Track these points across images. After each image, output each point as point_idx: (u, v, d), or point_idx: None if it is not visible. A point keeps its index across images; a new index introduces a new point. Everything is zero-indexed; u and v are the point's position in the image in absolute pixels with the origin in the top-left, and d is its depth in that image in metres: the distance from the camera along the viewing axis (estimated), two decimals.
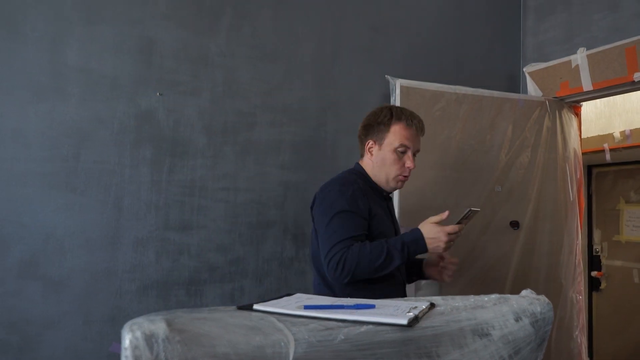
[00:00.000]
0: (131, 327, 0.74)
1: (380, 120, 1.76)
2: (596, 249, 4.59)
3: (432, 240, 1.58)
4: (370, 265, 1.55)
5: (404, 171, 1.76)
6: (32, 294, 1.97)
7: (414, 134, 1.74)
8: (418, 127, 1.75)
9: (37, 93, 2.01)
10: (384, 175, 1.77)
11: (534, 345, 1.16)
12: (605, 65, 2.60)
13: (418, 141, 1.77)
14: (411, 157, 1.75)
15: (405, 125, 1.73)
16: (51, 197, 2.01)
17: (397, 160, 1.74)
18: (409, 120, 1.74)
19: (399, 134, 1.73)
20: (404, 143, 1.73)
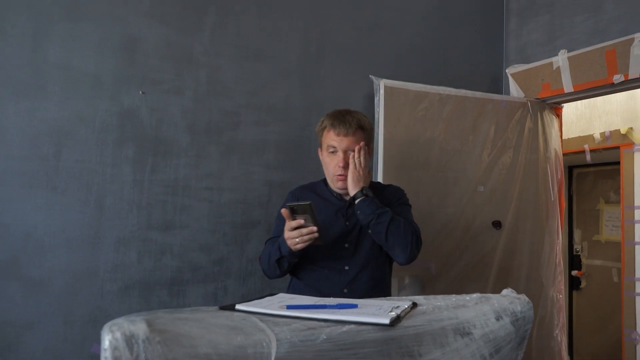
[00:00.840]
0: (111, 328, 0.73)
1: (318, 128, 1.90)
2: (576, 248, 4.66)
3: (286, 237, 1.66)
4: (265, 263, 1.79)
5: (337, 170, 1.80)
6: (12, 295, 1.94)
7: (341, 133, 1.79)
8: (343, 127, 1.79)
9: (17, 91, 1.98)
10: (328, 177, 1.88)
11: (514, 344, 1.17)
12: (586, 67, 2.64)
13: (349, 139, 1.80)
14: (342, 156, 1.79)
15: (330, 127, 1.81)
16: (31, 196, 1.99)
17: (330, 161, 1.83)
18: (335, 122, 1.81)
19: (327, 136, 1.83)
20: (330, 144, 1.82)
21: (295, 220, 1.61)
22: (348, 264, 1.80)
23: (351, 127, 1.79)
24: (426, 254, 2.55)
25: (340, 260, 1.80)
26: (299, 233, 1.61)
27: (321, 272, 1.80)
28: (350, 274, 1.79)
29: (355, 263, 1.81)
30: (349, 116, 1.82)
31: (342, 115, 1.83)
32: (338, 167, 1.80)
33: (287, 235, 1.64)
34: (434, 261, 2.57)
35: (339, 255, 1.81)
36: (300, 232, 1.61)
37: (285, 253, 1.69)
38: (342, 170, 1.80)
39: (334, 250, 1.80)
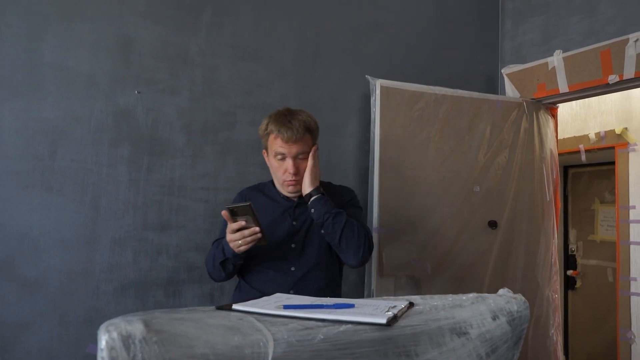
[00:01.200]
0: (107, 328, 0.73)
1: (262, 131, 1.82)
2: (572, 248, 4.67)
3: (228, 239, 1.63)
4: (210, 265, 1.77)
5: (288, 176, 1.77)
6: (7, 295, 1.93)
7: (289, 140, 1.73)
8: (291, 134, 1.72)
9: (12, 90, 1.97)
10: (276, 181, 1.84)
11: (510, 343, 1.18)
12: (581, 67, 2.65)
13: (297, 145, 1.75)
14: (291, 163, 1.75)
15: (277, 134, 1.74)
16: (26, 196, 1.98)
17: (279, 167, 1.78)
18: (281, 128, 1.73)
19: (274, 142, 1.76)
20: (278, 151, 1.76)
21: (237, 222, 1.57)
22: (294, 265, 1.78)
23: (299, 132, 1.73)
24: (422, 254, 2.56)
25: (286, 261, 1.77)
26: (241, 235, 1.57)
27: (267, 273, 1.77)
28: (297, 275, 1.76)
29: (302, 264, 1.78)
30: (295, 120, 1.75)
31: (287, 119, 1.75)
32: (288, 173, 1.76)
33: (229, 238, 1.60)
34: (430, 261, 2.57)
35: (285, 256, 1.78)
36: (242, 233, 1.57)
37: (229, 255, 1.66)
38: (293, 176, 1.76)
39: (280, 251, 1.78)
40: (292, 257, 1.78)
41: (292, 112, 1.79)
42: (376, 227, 2.46)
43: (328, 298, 1.22)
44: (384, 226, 2.48)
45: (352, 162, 2.67)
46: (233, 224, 1.58)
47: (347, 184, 2.64)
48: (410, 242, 2.54)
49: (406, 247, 2.52)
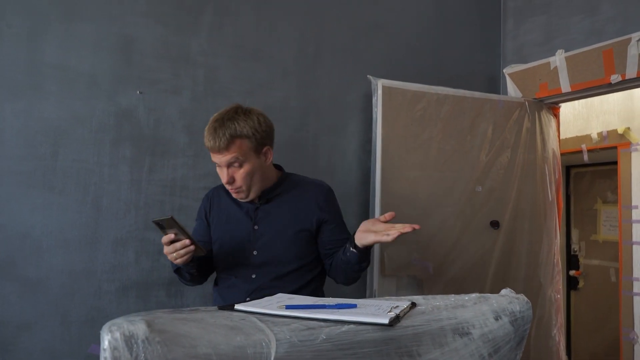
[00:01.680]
0: (110, 328, 0.73)
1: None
2: (574, 248, 4.66)
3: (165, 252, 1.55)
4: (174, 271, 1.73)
5: (227, 185, 1.68)
6: (9, 295, 1.93)
7: (214, 150, 1.63)
8: (215, 144, 1.61)
9: (13, 91, 1.97)
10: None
11: (513, 343, 1.17)
12: (583, 67, 2.65)
13: (228, 155, 1.62)
14: (225, 171, 1.65)
15: (206, 142, 1.65)
16: (28, 196, 1.98)
17: (220, 173, 1.69)
18: (208, 137, 1.64)
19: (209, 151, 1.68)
20: (213, 160, 1.68)
21: (167, 236, 1.50)
22: (256, 272, 1.69)
23: (222, 141, 1.60)
24: (424, 254, 2.55)
25: (247, 267, 1.69)
26: (174, 248, 1.50)
27: (229, 280, 1.72)
28: (257, 283, 1.67)
29: (264, 272, 1.68)
30: (221, 130, 1.61)
31: (214, 128, 1.63)
32: (226, 182, 1.67)
33: (165, 251, 1.53)
34: (432, 261, 2.56)
35: (246, 263, 1.69)
36: (174, 247, 1.50)
37: (173, 267, 1.66)
38: (229, 185, 1.67)
39: (241, 257, 1.70)
40: (254, 264, 1.69)
41: (223, 118, 1.66)
42: None
43: (330, 298, 1.22)
44: None
45: (354, 162, 2.67)
46: (164, 238, 1.51)
47: (349, 184, 2.65)
48: (412, 242, 2.53)
49: (408, 247, 2.52)
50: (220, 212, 1.78)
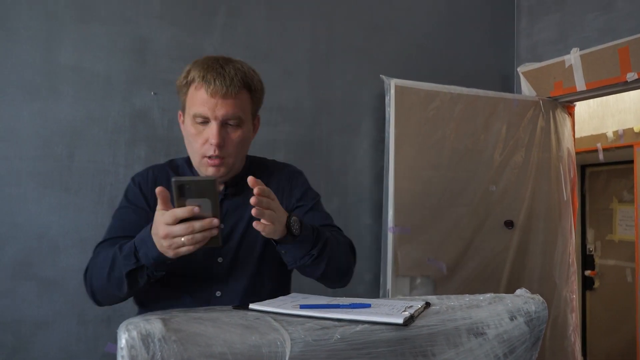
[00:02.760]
0: (127, 327, 0.74)
1: (180, 82, 1.27)
2: (589, 248, 4.61)
3: (155, 237, 1.02)
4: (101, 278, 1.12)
5: (208, 150, 1.22)
6: (26, 294, 1.95)
7: (217, 93, 1.20)
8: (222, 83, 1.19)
9: (30, 92, 2.00)
10: (192, 155, 1.29)
11: (528, 344, 1.17)
12: (599, 65, 2.62)
13: (225, 104, 1.21)
14: (215, 129, 1.20)
15: (201, 82, 1.21)
16: (45, 197, 2.00)
17: (197, 135, 1.23)
18: (208, 74, 1.20)
19: (194, 97, 1.22)
20: (198, 111, 1.21)
21: (187, 208, 0.97)
22: (221, 289, 1.24)
23: (233, 83, 1.20)
24: (438, 254, 2.55)
25: (209, 282, 1.22)
26: (190, 228, 0.97)
27: (181, 300, 1.21)
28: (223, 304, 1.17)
29: (232, 288, 1.25)
30: (230, 67, 1.22)
31: (219, 65, 1.22)
32: (210, 145, 1.21)
33: (167, 232, 0.98)
34: (446, 261, 2.55)
35: (208, 275, 1.23)
36: (191, 226, 0.97)
37: (148, 261, 1.05)
38: (217, 150, 1.21)
39: (201, 267, 1.23)
40: (218, 276, 1.23)
41: (227, 59, 1.26)
42: (391, 226, 2.45)
43: (344, 298, 1.22)
44: (399, 226, 2.47)
45: (367, 161, 2.66)
46: (178, 210, 0.97)
47: (362, 184, 2.64)
48: (425, 242, 2.53)
49: (421, 247, 2.51)
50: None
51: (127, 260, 1.07)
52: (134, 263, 1.06)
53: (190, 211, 0.97)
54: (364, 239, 2.62)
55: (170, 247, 1.00)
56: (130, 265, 1.07)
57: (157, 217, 1.01)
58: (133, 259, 1.06)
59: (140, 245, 1.06)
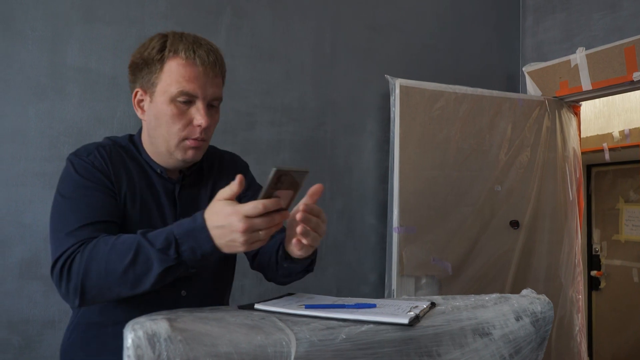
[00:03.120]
0: (133, 327, 0.74)
1: (148, 54, 1.13)
2: (595, 248, 4.60)
3: (222, 230, 0.91)
4: (108, 272, 0.94)
5: (193, 132, 1.13)
6: (33, 294, 1.96)
7: (201, 71, 1.11)
8: (206, 61, 1.12)
9: (36, 93, 2.01)
10: (162, 139, 1.15)
11: (534, 344, 1.16)
12: (605, 64, 2.61)
13: (213, 84, 1.14)
14: (203, 110, 1.12)
15: (185, 60, 1.10)
16: (51, 197, 2.00)
17: (179, 116, 1.12)
18: (190, 51, 1.11)
19: (177, 73, 1.11)
20: (185, 88, 1.10)
21: (276, 200, 0.91)
22: (185, 288, 1.17)
23: (219, 62, 1.15)
24: (443, 254, 2.54)
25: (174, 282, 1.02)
26: (272, 221, 0.91)
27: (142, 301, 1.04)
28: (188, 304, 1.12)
29: (197, 284, 1.18)
30: (208, 44, 1.15)
31: (203, 41, 1.15)
32: (197, 127, 1.13)
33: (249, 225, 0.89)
34: (451, 261, 2.55)
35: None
36: (273, 219, 0.91)
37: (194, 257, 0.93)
38: (203, 132, 1.14)
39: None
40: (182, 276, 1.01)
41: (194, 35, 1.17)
42: (396, 226, 2.45)
43: (349, 298, 1.22)
44: (404, 226, 2.47)
45: (372, 161, 2.66)
46: (269, 202, 0.90)
47: (367, 183, 2.65)
48: (430, 242, 2.52)
49: (427, 246, 2.51)
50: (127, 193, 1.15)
51: (165, 255, 0.92)
52: (174, 259, 0.93)
53: (278, 203, 0.92)
54: (368, 239, 2.62)
55: (246, 242, 0.90)
56: (169, 261, 0.93)
57: (227, 208, 0.90)
58: (173, 253, 0.92)
59: (184, 238, 0.93)
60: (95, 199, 1.09)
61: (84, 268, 0.96)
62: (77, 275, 0.96)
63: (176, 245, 0.93)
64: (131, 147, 1.22)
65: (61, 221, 1.06)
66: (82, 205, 1.07)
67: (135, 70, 1.17)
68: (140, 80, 1.16)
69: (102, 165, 1.13)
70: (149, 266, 0.93)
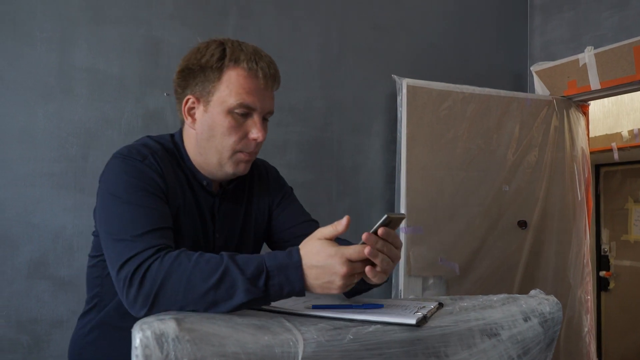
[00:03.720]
0: (141, 327, 0.74)
1: (206, 61, 1.10)
2: (604, 248, 4.56)
3: (320, 271, 0.89)
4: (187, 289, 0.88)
5: (248, 145, 1.11)
6: (42, 293, 1.98)
7: (262, 84, 1.10)
8: (268, 74, 1.11)
9: (45, 94, 2.02)
10: (214, 150, 1.11)
11: (543, 345, 1.16)
12: (613, 63, 2.59)
13: (270, 97, 1.14)
14: (259, 123, 1.10)
15: (247, 72, 1.08)
16: (60, 197, 2.02)
17: (236, 128, 1.09)
18: (252, 62, 1.09)
19: (237, 84, 1.08)
20: (245, 100, 1.08)
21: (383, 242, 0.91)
22: None
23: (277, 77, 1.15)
24: (450, 254, 2.53)
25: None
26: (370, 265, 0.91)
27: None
28: None
29: None
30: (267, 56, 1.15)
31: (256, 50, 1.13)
32: (252, 141, 1.11)
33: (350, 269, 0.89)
34: (459, 261, 2.54)
35: None
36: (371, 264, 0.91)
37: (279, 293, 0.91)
38: (254, 146, 1.12)
39: None
40: None
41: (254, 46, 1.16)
42: (403, 227, 2.44)
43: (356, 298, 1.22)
44: (412, 226, 2.47)
45: (378, 162, 2.66)
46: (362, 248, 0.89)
47: (374, 184, 2.65)
48: (438, 242, 2.52)
49: (434, 247, 2.50)
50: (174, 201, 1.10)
51: (253, 286, 0.88)
52: (261, 292, 0.89)
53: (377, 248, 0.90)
54: None
55: (343, 286, 0.89)
56: (255, 293, 0.88)
57: (329, 249, 0.88)
58: (262, 286, 0.88)
59: (276, 273, 0.89)
60: (156, 204, 1.03)
61: (161, 279, 0.89)
62: (153, 285, 0.89)
63: (266, 278, 0.89)
64: (175, 152, 1.16)
65: (123, 224, 0.98)
66: (145, 210, 1.01)
67: (188, 76, 1.12)
68: (193, 87, 1.12)
69: (158, 172, 1.08)
70: (232, 293, 0.88)
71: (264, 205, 1.27)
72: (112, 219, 1.00)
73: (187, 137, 1.16)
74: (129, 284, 0.90)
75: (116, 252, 0.95)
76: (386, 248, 0.92)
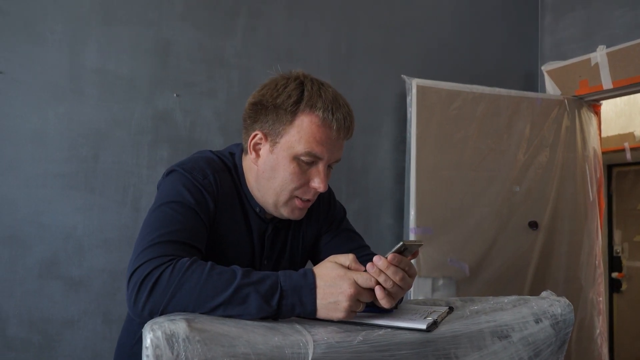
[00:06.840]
0: (152, 327, 0.74)
1: (281, 102, 1.06)
2: (617, 249, 4.52)
3: (329, 290, 0.90)
4: (199, 304, 0.86)
5: (307, 192, 1.09)
6: (52, 294, 1.99)
7: (334, 136, 1.06)
8: (342, 126, 1.07)
9: (55, 95, 2.03)
10: (272, 192, 1.09)
11: (554, 347, 1.15)
12: (626, 63, 2.56)
13: (340, 147, 1.10)
14: (323, 173, 1.07)
15: (321, 121, 1.04)
16: (70, 198, 2.04)
17: (299, 175, 1.07)
18: (329, 112, 1.04)
19: (309, 132, 1.04)
20: (313, 150, 1.05)
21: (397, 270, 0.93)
22: None
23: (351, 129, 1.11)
24: (460, 255, 2.52)
25: None
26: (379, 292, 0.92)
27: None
28: None
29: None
30: (345, 105, 1.11)
31: (336, 97, 1.10)
32: (313, 189, 1.09)
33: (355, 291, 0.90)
34: (468, 262, 2.53)
35: None
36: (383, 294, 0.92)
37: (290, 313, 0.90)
38: (313, 195, 1.10)
39: None
40: None
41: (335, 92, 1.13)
42: (413, 227, 2.43)
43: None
44: (421, 226, 2.46)
45: (388, 162, 2.65)
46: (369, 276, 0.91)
47: (383, 184, 2.64)
48: (447, 243, 2.50)
49: (444, 247, 2.49)
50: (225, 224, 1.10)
51: (266, 304, 0.87)
52: (273, 311, 0.88)
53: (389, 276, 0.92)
54: (385, 240, 2.61)
55: (348, 308, 0.89)
56: (267, 311, 0.87)
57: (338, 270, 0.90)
58: (275, 305, 0.87)
59: (290, 293, 0.89)
60: (195, 223, 1.02)
61: (172, 290, 0.86)
62: (163, 295, 0.86)
63: (280, 297, 0.88)
64: (234, 173, 1.15)
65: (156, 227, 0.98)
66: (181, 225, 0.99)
67: (260, 111, 1.09)
68: (263, 123, 1.08)
69: (213, 194, 1.06)
70: (243, 309, 0.87)
71: (312, 230, 1.25)
72: (148, 223, 1.00)
73: (248, 169, 1.14)
74: (137, 290, 0.88)
75: (135, 254, 0.95)
76: (398, 276, 0.91)
